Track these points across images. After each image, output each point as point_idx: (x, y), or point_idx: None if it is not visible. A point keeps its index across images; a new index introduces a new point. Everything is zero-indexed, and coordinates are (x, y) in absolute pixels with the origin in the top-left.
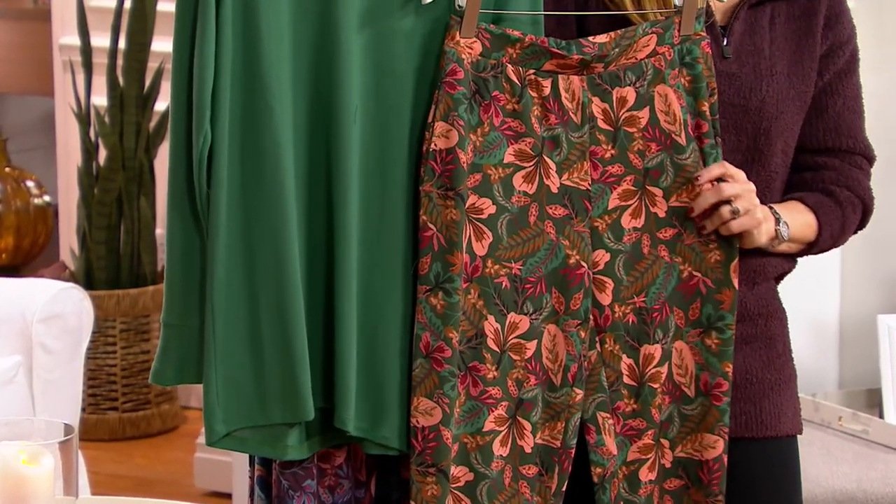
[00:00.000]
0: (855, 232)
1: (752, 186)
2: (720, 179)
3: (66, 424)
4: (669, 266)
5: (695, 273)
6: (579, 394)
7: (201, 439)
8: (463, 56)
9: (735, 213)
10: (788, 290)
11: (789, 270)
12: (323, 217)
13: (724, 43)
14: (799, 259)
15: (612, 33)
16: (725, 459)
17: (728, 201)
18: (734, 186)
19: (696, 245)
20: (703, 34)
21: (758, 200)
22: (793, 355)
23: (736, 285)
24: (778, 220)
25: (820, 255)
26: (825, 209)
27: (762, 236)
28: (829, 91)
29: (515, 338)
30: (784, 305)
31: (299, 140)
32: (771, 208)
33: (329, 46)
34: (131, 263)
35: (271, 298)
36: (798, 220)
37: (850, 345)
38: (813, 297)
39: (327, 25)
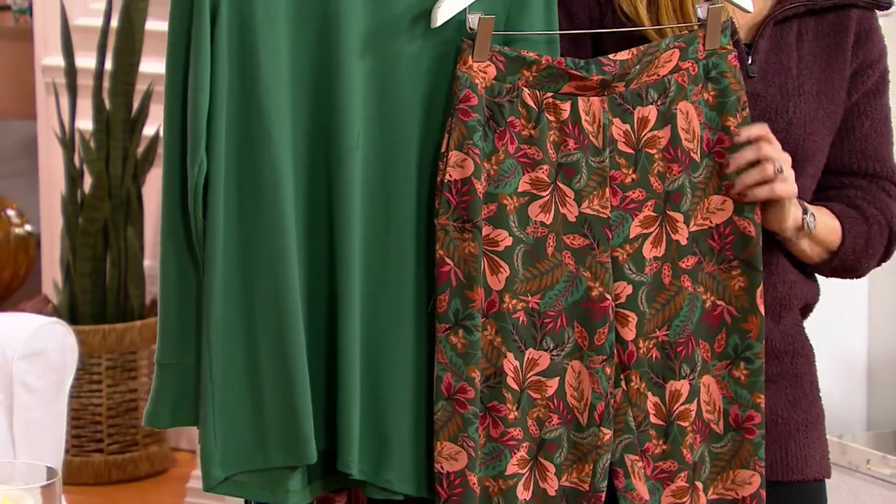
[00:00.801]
0: (881, 261)
1: (788, 157)
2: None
3: (48, 467)
4: (693, 297)
5: (718, 302)
6: (607, 434)
7: (191, 483)
8: (476, 81)
9: (779, 172)
10: (814, 325)
11: (814, 302)
12: (324, 249)
13: (749, 61)
14: (824, 291)
15: (635, 49)
16: (763, 495)
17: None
18: (775, 149)
19: (716, 272)
20: (730, 47)
21: (793, 173)
22: (820, 394)
23: (762, 311)
24: (805, 210)
25: (846, 287)
26: (850, 219)
27: (789, 218)
28: (856, 112)
29: (535, 375)
30: (810, 341)
31: (299, 168)
32: (798, 198)
33: (330, 69)
34: (118, 297)
35: (271, 335)
36: (823, 220)
37: (878, 383)
38: (840, 332)
39: (328, 48)
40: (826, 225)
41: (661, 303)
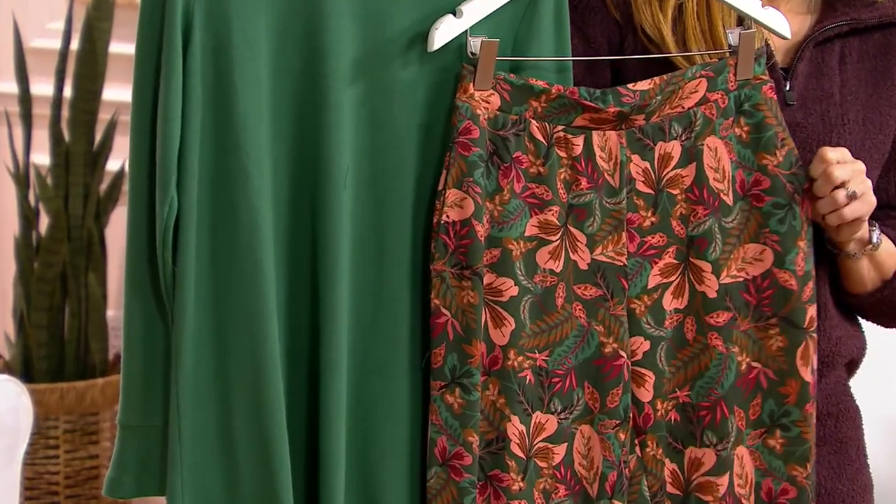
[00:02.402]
0: None
1: (862, 166)
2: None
3: None
4: (725, 357)
5: (754, 364)
6: None
7: None
8: (478, 111)
9: (852, 197)
10: (859, 384)
11: (860, 358)
12: (308, 299)
13: (787, 88)
14: (871, 346)
15: (657, 78)
16: None
17: (842, 185)
18: (845, 169)
19: (752, 331)
20: (765, 77)
21: (869, 183)
22: (868, 461)
23: (805, 376)
24: (873, 224)
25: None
26: None
27: (859, 231)
28: None
29: (542, 441)
30: (856, 402)
31: (280, 208)
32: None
33: (315, 99)
34: (77, 351)
35: (247, 395)
36: (887, 245)
37: None
38: (890, 391)
39: (313, 75)
40: (888, 247)
41: (684, 360)
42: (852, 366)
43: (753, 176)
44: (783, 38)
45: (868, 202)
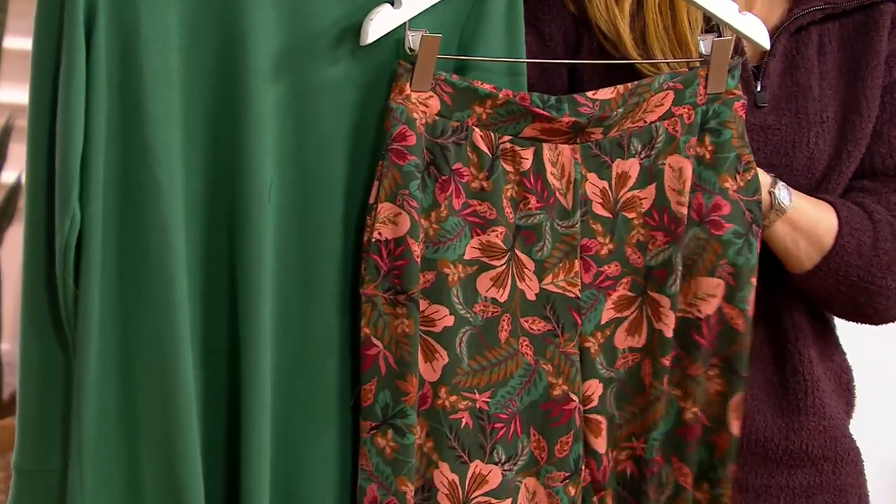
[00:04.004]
0: None
1: None
2: None
3: None
4: (672, 403)
5: (700, 414)
6: None
7: None
8: (415, 115)
9: None
10: (860, 426)
11: (849, 383)
12: (226, 328)
13: (758, 88)
14: (873, 382)
15: (621, 87)
16: None
17: None
18: None
19: (701, 377)
20: (738, 92)
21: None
22: None
23: (734, 431)
24: (774, 182)
25: None
26: (849, 212)
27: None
28: (882, 103)
29: (483, 495)
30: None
31: (194, 224)
32: (772, 175)
33: (234, 100)
34: None
35: (157, 436)
36: (804, 204)
37: None
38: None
39: (231, 72)
40: (809, 210)
41: (641, 406)
42: (847, 396)
43: (713, 199)
44: (762, 48)
45: None
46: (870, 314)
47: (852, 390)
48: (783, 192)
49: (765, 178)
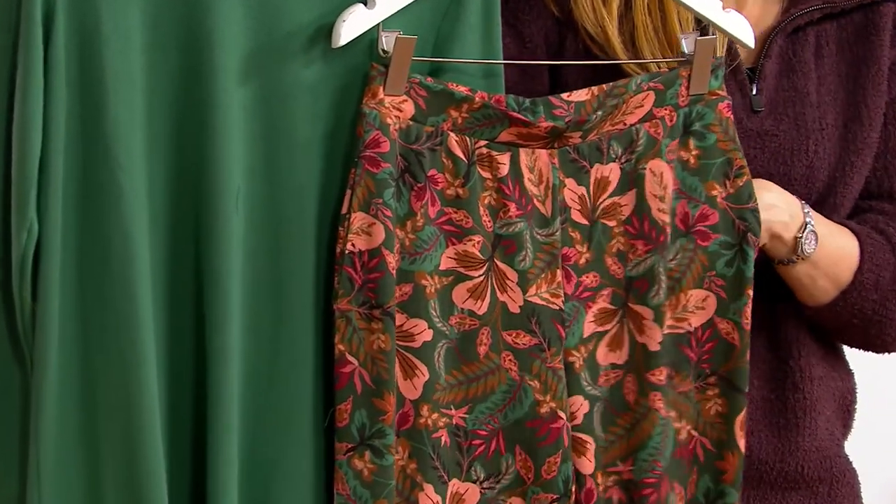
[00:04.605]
0: None
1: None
2: None
3: None
4: (665, 423)
5: (693, 432)
6: None
7: None
8: (388, 121)
9: None
10: (856, 447)
11: (850, 405)
12: (191, 345)
13: (754, 91)
14: (873, 402)
15: (596, 88)
16: None
17: None
18: None
19: (692, 392)
20: (722, 93)
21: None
22: None
23: (742, 447)
24: (803, 227)
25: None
26: (873, 246)
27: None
28: (888, 120)
29: None
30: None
31: (158, 235)
32: (805, 210)
33: (200, 102)
34: None
35: (119, 459)
36: (833, 246)
37: None
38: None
39: (197, 72)
40: (833, 247)
41: (626, 427)
42: (847, 417)
43: (700, 209)
44: (746, 47)
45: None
46: (877, 344)
47: (852, 413)
48: (810, 241)
49: (794, 221)
